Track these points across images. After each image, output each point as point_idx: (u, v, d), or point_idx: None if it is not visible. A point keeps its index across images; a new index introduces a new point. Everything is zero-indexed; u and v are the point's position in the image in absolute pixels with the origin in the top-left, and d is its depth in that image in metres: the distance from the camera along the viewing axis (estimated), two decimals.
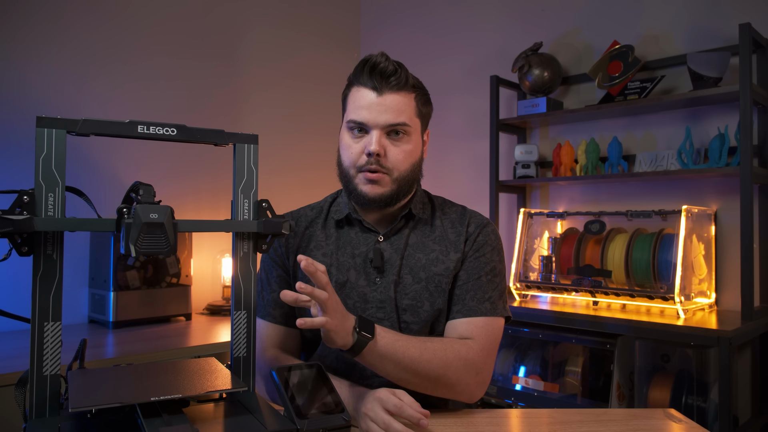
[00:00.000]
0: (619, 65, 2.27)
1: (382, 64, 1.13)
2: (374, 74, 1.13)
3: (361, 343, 0.97)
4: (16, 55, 2.11)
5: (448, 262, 1.18)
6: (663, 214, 2.09)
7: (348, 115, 1.17)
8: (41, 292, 0.76)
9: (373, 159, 1.13)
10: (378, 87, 1.13)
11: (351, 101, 1.17)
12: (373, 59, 1.14)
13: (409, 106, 1.15)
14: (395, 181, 1.15)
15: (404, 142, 1.15)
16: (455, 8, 3.00)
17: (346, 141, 1.17)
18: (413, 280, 1.16)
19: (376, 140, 1.12)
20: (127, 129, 0.79)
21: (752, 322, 1.86)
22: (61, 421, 0.74)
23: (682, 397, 1.85)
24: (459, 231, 1.22)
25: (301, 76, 3.03)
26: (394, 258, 1.18)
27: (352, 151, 1.16)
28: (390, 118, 1.13)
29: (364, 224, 1.21)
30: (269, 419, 0.77)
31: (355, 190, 1.17)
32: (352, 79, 1.18)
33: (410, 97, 1.16)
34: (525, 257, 2.43)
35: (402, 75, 1.14)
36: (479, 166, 2.82)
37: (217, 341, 1.93)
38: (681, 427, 1.01)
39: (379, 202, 1.16)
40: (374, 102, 1.13)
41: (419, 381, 1.05)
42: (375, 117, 1.13)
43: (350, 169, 1.17)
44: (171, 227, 0.77)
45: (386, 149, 1.14)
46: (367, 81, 1.14)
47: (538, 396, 2.09)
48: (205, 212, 2.61)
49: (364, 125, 1.14)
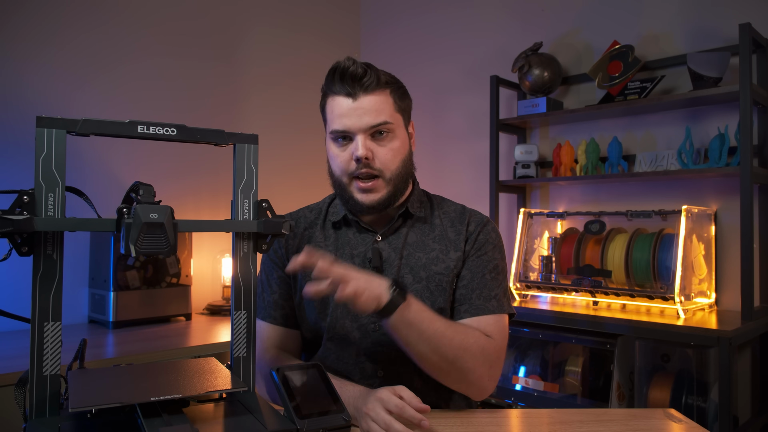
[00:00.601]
0: (619, 65, 2.27)
1: (351, 68, 1.11)
2: (345, 80, 1.12)
3: (396, 301, 0.98)
4: (15, 55, 2.11)
5: (449, 261, 1.18)
6: (663, 214, 2.09)
7: (329, 126, 1.16)
8: (41, 292, 0.76)
9: (362, 164, 1.12)
10: (352, 92, 1.12)
11: (329, 111, 1.16)
12: (341, 65, 1.12)
13: (386, 103, 1.14)
14: (389, 182, 1.15)
15: (390, 140, 1.15)
16: (455, 8, 3.00)
17: (332, 151, 1.17)
18: (414, 279, 1.16)
19: (362, 144, 1.12)
20: (127, 129, 0.79)
21: (752, 322, 1.86)
22: (61, 421, 0.74)
23: (682, 397, 1.85)
24: (459, 230, 1.22)
25: (301, 76, 3.03)
26: (392, 257, 1.18)
27: (340, 159, 1.15)
28: (370, 120, 1.12)
29: (361, 225, 1.21)
30: (269, 419, 0.77)
31: (351, 199, 1.17)
32: (326, 90, 1.17)
33: (386, 94, 1.15)
34: (525, 257, 2.43)
35: (372, 75, 1.13)
36: (479, 166, 2.82)
37: (217, 341, 1.93)
38: (681, 427, 1.01)
39: (377, 208, 1.16)
40: (351, 107, 1.12)
41: (437, 359, 1.04)
42: (355, 122, 1.12)
43: (342, 178, 1.16)
44: (171, 227, 0.77)
45: (373, 151, 1.13)
46: (339, 88, 1.13)
47: (538, 396, 2.09)
48: (205, 212, 2.61)
49: (346, 132, 1.13)
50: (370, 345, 1.14)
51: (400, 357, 1.08)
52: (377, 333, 1.14)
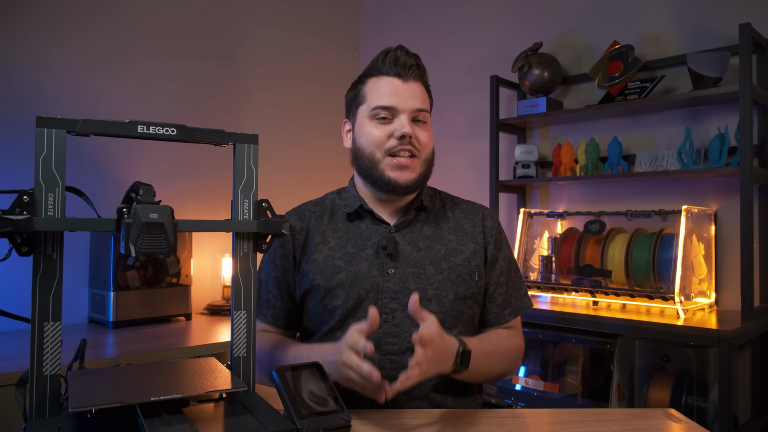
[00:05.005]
0: (619, 65, 2.27)
1: (404, 57, 1.19)
2: (398, 63, 1.18)
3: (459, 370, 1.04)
4: (16, 55, 2.11)
5: (467, 251, 1.22)
6: (663, 214, 2.09)
7: (373, 102, 1.18)
8: (41, 292, 0.76)
9: (405, 141, 1.15)
10: (403, 74, 1.18)
11: (372, 90, 1.19)
12: (395, 50, 1.20)
13: (425, 95, 1.23)
14: (424, 164, 1.20)
15: (426, 128, 1.21)
16: (455, 8, 3.00)
17: (368, 128, 1.19)
18: (436, 270, 1.18)
19: (408, 122, 1.16)
20: (127, 129, 0.79)
21: (752, 322, 1.86)
22: (61, 421, 0.74)
23: (682, 397, 1.85)
24: (474, 222, 1.26)
25: (301, 76, 3.03)
26: (407, 249, 1.19)
27: (377, 134, 1.17)
28: (417, 104, 1.18)
29: (375, 216, 1.21)
30: (269, 419, 0.77)
31: (382, 178, 1.17)
32: (371, 71, 1.22)
33: (424, 88, 1.23)
34: (525, 257, 2.43)
35: (422, 66, 1.22)
36: (479, 166, 2.82)
37: (217, 341, 1.93)
38: (681, 427, 1.01)
39: (410, 188, 1.19)
40: (401, 87, 1.18)
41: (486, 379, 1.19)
42: (404, 102, 1.17)
43: (376, 153, 1.17)
44: (171, 227, 0.77)
45: (415, 132, 1.18)
46: (390, 69, 1.19)
47: (538, 396, 2.09)
48: (205, 212, 2.61)
49: (392, 109, 1.17)
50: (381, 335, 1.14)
51: (411, 350, 1.09)
52: (388, 324, 1.14)
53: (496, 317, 1.24)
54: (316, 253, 1.20)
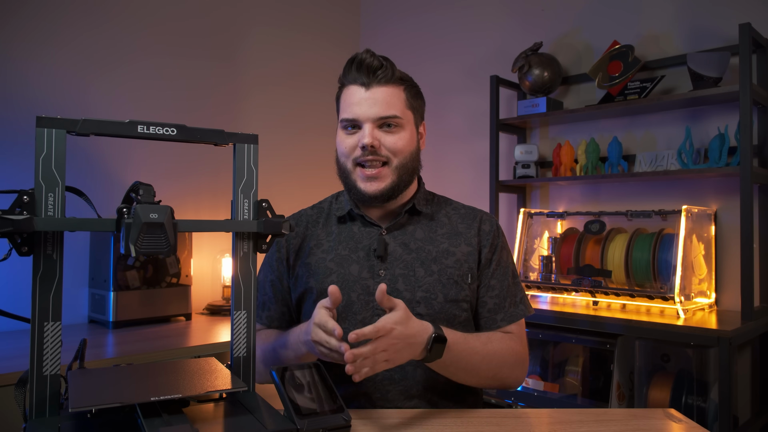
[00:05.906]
0: (619, 65, 2.27)
1: (368, 60, 1.15)
2: (361, 70, 1.15)
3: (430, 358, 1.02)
4: (16, 55, 2.10)
5: (459, 253, 1.20)
6: (663, 214, 2.09)
7: (341, 114, 1.20)
8: (41, 292, 0.76)
9: (368, 151, 1.14)
10: (366, 82, 1.15)
11: (342, 101, 1.19)
12: (359, 56, 1.16)
13: (398, 98, 1.17)
14: (395, 171, 1.17)
15: (397, 133, 1.17)
16: (455, 8, 2.99)
17: (340, 138, 1.20)
18: (426, 272, 1.17)
19: (369, 133, 1.14)
20: (127, 129, 0.79)
21: (752, 322, 1.86)
22: (61, 421, 0.74)
23: (682, 397, 1.85)
24: (470, 225, 1.24)
25: (301, 76, 3.03)
26: (398, 252, 1.19)
27: (345, 145, 1.18)
28: (380, 111, 1.14)
29: (366, 219, 1.22)
30: (269, 419, 0.77)
31: (354, 187, 1.18)
32: (342, 80, 1.20)
33: (399, 90, 1.18)
34: (525, 257, 2.43)
35: (388, 68, 1.16)
36: (479, 166, 2.82)
37: (217, 341, 1.93)
38: (681, 427, 1.01)
39: (379, 198, 1.17)
40: (363, 97, 1.15)
41: (477, 381, 1.14)
42: (365, 111, 1.14)
43: (347, 163, 1.18)
44: (171, 227, 0.77)
45: (380, 140, 1.15)
46: (355, 78, 1.16)
47: (538, 396, 2.09)
48: (205, 212, 2.61)
49: (355, 121, 1.16)
50: None
51: None
52: None
53: (487, 321, 1.21)
54: (310, 257, 1.21)
